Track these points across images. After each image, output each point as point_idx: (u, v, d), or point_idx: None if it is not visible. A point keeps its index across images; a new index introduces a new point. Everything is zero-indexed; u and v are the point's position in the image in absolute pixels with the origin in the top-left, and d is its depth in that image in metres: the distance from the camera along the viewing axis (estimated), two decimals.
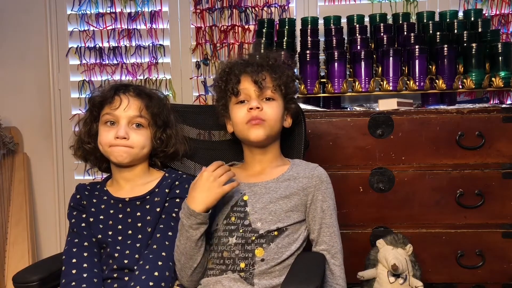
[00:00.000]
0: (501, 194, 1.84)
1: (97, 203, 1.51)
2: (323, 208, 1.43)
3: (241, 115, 1.44)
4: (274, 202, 1.40)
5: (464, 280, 1.87)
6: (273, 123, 1.44)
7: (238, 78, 1.46)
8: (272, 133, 1.46)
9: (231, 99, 1.48)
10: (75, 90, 2.57)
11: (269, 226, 1.37)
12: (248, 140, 1.46)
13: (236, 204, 1.42)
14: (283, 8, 2.47)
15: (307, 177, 1.44)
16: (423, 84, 2.01)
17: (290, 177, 1.45)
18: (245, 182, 1.46)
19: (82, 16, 2.56)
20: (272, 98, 1.46)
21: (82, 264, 1.39)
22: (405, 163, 1.87)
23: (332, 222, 1.44)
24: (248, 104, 1.43)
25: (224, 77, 1.49)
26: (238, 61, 1.51)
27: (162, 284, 1.33)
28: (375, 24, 2.22)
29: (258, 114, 1.42)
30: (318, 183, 1.44)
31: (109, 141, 1.48)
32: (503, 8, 2.36)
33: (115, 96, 1.50)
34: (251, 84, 1.44)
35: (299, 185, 1.43)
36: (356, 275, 1.74)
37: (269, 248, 1.35)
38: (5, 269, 2.34)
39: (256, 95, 1.44)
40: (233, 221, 1.40)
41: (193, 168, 1.66)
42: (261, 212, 1.39)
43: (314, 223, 1.43)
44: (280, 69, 1.48)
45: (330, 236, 1.43)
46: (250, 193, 1.43)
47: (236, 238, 1.37)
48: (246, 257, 1.35)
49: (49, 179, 2.61)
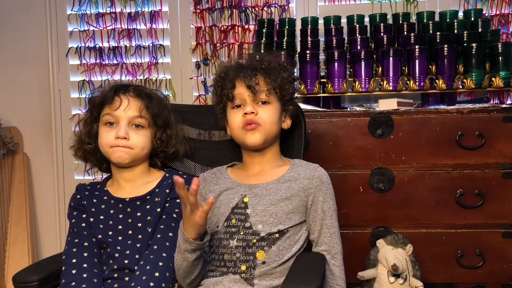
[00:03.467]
0: (501, 194, 1.84)
1: (97, 203, 1.51)
2: (323, 209, 1.43)
3: (237, 120, 1.44)
4: (275, 204, 1.40)
5: (464, 280, 1.87)
6: (269, 126, 1.44)
7: (233, 83, 1.46)
8: (269, 137, 1.45)
9: (227, 104, 1.48)
10: (75, 90, 2.57)
11: (270, 229, 1.37)
12: (245, 145, 1.46)
13: (236, 206, 1.42)
14: (283, 8, 2.47)
15: (308, 178, 1.44)
16: (423, 84, 2.01)
17: (290, 178, 1.45)
18: (245, 184, 1.46)
19: (82, 16, 2.56)
20: (267, 101, 1.45)
21: (82, 264, 1.39)
22: (405, 163, 1.87)
23: (333, 223, 1.44)
24: (243, 109, 1.43)
25: (219, 82, 1.49)
26: (232, 65, 1.50)
27: (162, 285, 1.33)
28: (375, 24, 2.22)
29: (253, 119, 1.42)
30: (319, 184, 1.43)
31: (109, 142, 1.48)
32: (503, 8, 2.36)
33: (115, 96, 1.50)
34: (245, 89, 1.44)
35: (300, 186, 1.43)
36: (356, 275, 1.74)
37: (270, 251, 1.35)
38: (5, 269, 2.34)
39: (250, 99, 1.44)
40: (234, 223, 1.39)
41: (193, 168, 1.66)
42: (262, 214, 1.38)
43: (315, 224, 1.43)
44: (274, 72, 1.47)
45: (330, 237, 1.43)
46: (250, 194, 1.43)
47: (237, 241, 1.37)
48: (247, 260, 1.35)
49: (49, 179, 2.61)
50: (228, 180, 1.49)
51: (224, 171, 1.53)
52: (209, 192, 1.48)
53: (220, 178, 1.51)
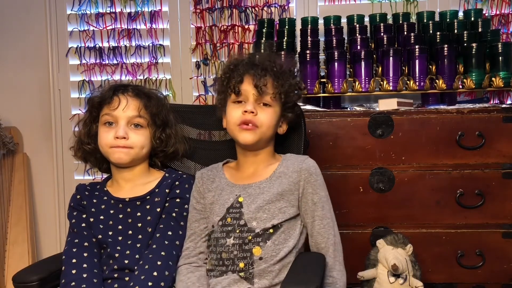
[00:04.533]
0: (501, 194, 1.84)
1: (97, 203, 1.51)
2: (314, 200, 1.41)
3: (235, 115, 1.43)
4: (268, 201, 1.40)
5: (464, 280, 1.87)
6: (266, 129, 1.43)
7: (241, 78, 1.44)
8: (263, 139, 1.44)
9: (230, 96, 1.47)
10: (75, 90, 2.57)
11: (264, 224, 1.37)
12: (237, 141, 1.46)
13: (231, 206, 1.42)
14: (283, 8, 2.47)
15: (296, 171, 1.43)
16: (423, 84, 2.01)
17: (281, 173, 1.44)
18: (240, 184, 1.46)
19: (82, 16, 2.56)
20: (269, 104, 1.44)
21: (82, 264, 1.39)
22: (405, 163, 1.87)
23: (325, 214, 1.42)
24: (244, 106, 1.43)
25: (228, 73, 1.48)
26: (244, 59, 1.49)
27: (161, 284, 1.33)
28: (375, 24, 2.22)
29: (252, 119, 1.41)
30: (307, 176, 1.42)
31: (109, 142, 1.48)
32: (503, 8, 2.36)
33: (113, 96, 1.50)
34: (251, 87, 1.43)
35: (290, 180, 1.42)
36: (356, 275, 1.74)
37: (266, 246, 1.35)
38: (5, 269, 2.34)
39: (253, 98, 1.43)
40: (229, 222, 1.40)
41: (193, 168, 1.66)
42: (256, 211, 1.39)
43: (307, 216, 1.42)
44: (283, 77, 1.46)
45: (324, 228, 1.41)
46: (245, 194, 1.43)
47: (234, 239, 1.37)
48: (244, 257, 1.35)
49: (49, 179, 2.61)
50: (224, 180, 1.48)
51: (220, 170, 1.52)
52: (207, 190, 1.48)
53: (216, 175, 1.50)
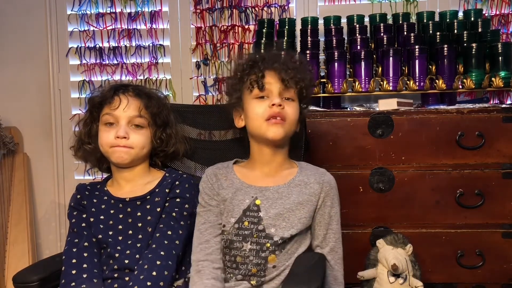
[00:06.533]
0: (501, 194, 1.84)
1: (97, 203, 1.51)
2: (331, 214, 1.43)
3: (260, 111, 1.39)
4: (288, 209, 1.39)
5: (464, 280, 1.86)
6: (292, 123, 1.42)
7: (262, 73, 1.41)
8: (289, 134, 1.43)
9: (250, 93, 1.42)
10: (75, 90, 2.57)
11: (283, 233, 1.36)
12: (265, 138, 1.41)
13: (248, 209, 1.40)
14: (283, 8, 2.47)
15: (319, 183, 1.43)
16: (423, 84, 2.01)
17: (300, 182, 1.43)
18: (255, 185, 1.43)
19: (82, 16, 2.56)
20: (292, 99, 1.43)
21: (82, 264, 1.39)
22: (405, 163, 1.87)
23: (338, 228, 1.45)
24: (270, 100, 1.39)
25: (247, 69, 1.45)
26: (263, 55, 1.47)
27: (160, 284, 1.33)
28: (375, 24, 2.22)
29: (281, 112, 1.38)
30: (328, 189, 1.43)
31: (109, 142, 1.48)
32: (503, 8, 2.36)
33: (114, 96, 1.50)
34: (277, 81, 1.40)
35: (311, 191, 1.42)
36: (356, 275, 1.74)
37: (280, 255, 1.36)
38: (5, 269, 2.34)
39: (279, 92, 1.40)
40: (246, 226, 1.38)
41: (193, 168, 1.67)
42: (275, 218, 1.38)
43: (320, 228, 1.43)
44: (304, 72, 1.45)
45: (335, 242, 1.44)
46: (262, 197, 1.41)
47: (251, 244, 1.37)
48: (258, 263, 1.36)
49: (49, 179, 2.61)
50: (236, 180, 1.45)
51: (230, 169, 1.49)
52: (221, 188, 1.44)
53: (228, 173, 1.47)
